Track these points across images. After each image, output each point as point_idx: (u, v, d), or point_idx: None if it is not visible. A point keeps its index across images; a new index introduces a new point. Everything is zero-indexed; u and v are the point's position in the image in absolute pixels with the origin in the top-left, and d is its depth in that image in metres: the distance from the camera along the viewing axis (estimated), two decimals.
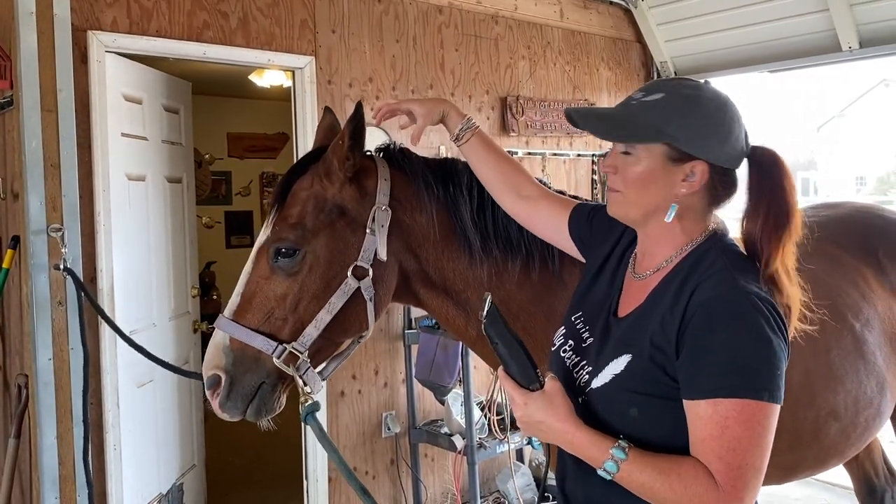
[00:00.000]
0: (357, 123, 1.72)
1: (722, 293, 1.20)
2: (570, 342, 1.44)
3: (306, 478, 3.78)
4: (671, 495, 1.15)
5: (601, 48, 5.19)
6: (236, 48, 3.49)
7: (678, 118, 1.26)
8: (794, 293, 1.28)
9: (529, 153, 4.67)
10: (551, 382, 1.27)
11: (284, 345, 1.69)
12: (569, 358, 1.42)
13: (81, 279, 2.95)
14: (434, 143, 4.21)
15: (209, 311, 5.90)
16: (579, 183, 5.01)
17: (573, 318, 1.48)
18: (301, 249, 1.72)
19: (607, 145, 5.39)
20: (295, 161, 3.70)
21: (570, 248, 1.68)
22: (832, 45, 4.50)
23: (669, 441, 1.21)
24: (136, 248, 3.43)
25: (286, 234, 1.72)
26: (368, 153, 1.86)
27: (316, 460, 3.75)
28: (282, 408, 1.80)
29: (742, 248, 1.31)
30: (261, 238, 1.77)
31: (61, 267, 2.88)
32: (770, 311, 1.18)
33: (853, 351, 2.18)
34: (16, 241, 3.04)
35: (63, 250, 2.90)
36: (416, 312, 4.07)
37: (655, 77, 5.44)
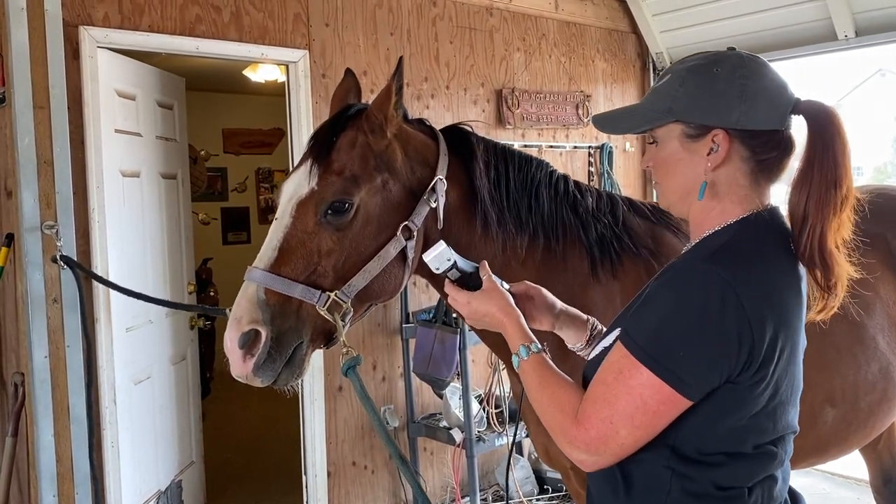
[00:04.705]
0: (401, 80, 1.76)
1: (681, 264, 1.21)
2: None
3: (305, 472, 3.78)
4: (544, 407, 1.24)
5: (596, 39, 5.17)
6: (229, 42, 3.47)
7: (684, 92, 1.23)
8: (842, 273, 1.21)
9: (525, 146, 4.65)
10: (487, 281, 1.41)
11: (328, 293, 1.66)
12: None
13: (76, 259, 2.94)
14: None
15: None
16: (575, 175, 4.97)
17: None
18: (354, 202, 1.71)
19: (603, 137, 5.39)
20: (290, 154, 3.72)
21: None
22: (828, 34, 4.49)
23: None
24: (132, 244, 3.41)
25: (340, 185, 1.70)
26: (426, 123, 1.95)
27: (315, 454, 3.74)
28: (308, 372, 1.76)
29: (788, 223, 1.23)
30: (300, 191, 1.72)
31: (57, 257, 2.87)
32: (725, 299, 1.10)
33: (849, 336, 2.15)
34: (10, 239, 3.03)
35: (58, 245, 2.90)
36: (414, 306, 4.07)
37: (651, 68, 5.42)
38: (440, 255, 1.41)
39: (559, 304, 1.55)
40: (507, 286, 1.47)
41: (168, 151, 3.85)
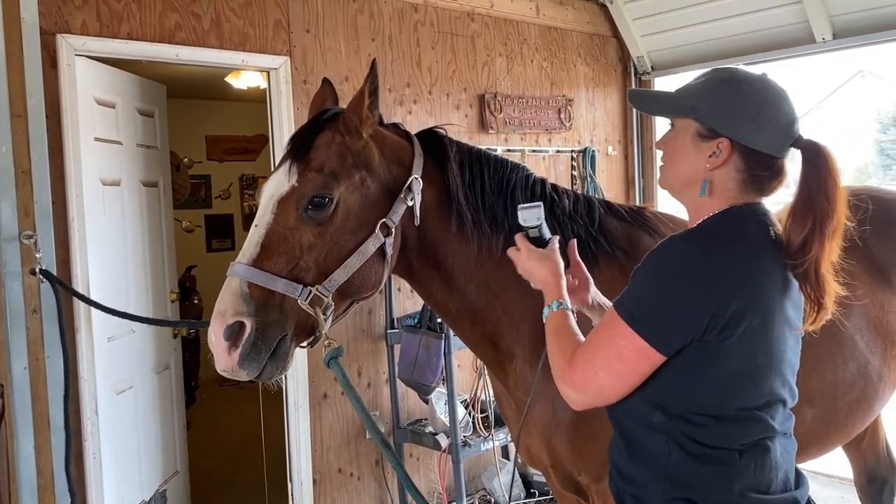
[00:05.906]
0: (374, 83, 1.81)
1: (664, 242, 1.38)
2: None
3: (291, 480, 3.76)
4: (552, 351, 1.44)
5: (578, 44, 5.19)
6: (210, 49, 3.46)
7: (710, 97, 1.39)
8: (832, 291, 1.38)
9: (508, 150, 4.67)
10: (552, 246, 1.59)
11: (310, 287, 1.70)
12: None
13: (55, 274, 2.91)
14: None
15: (189, 316, 5.86)
16: (558, 179, 5.02)
17: None
18: (333, 197, 1.75)
19: (585, 141, 5.41)
20: (273, 161, 3.71)
21: None
22: (806, 37, 4.53)
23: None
24: (112, 253, 3.39)
25: (319, 180, 1.75)
26: (401, 126, 2.02)
27: (300, 462, 3.73)
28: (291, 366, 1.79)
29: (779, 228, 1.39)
30: (281, 189, 1.76)
31: (36, 270, 2.84)
32: (695, 267, 1.29)
33: (827, 336, 2.16)
34: None
35: (37, 256, 2.87)
36: (398, 312, 4.06)
37: (632, 72, 5.46)
38: (533, 213, 1.59)
39: (594, 289, 1.73)
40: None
41: (149, 159, 3.83)
